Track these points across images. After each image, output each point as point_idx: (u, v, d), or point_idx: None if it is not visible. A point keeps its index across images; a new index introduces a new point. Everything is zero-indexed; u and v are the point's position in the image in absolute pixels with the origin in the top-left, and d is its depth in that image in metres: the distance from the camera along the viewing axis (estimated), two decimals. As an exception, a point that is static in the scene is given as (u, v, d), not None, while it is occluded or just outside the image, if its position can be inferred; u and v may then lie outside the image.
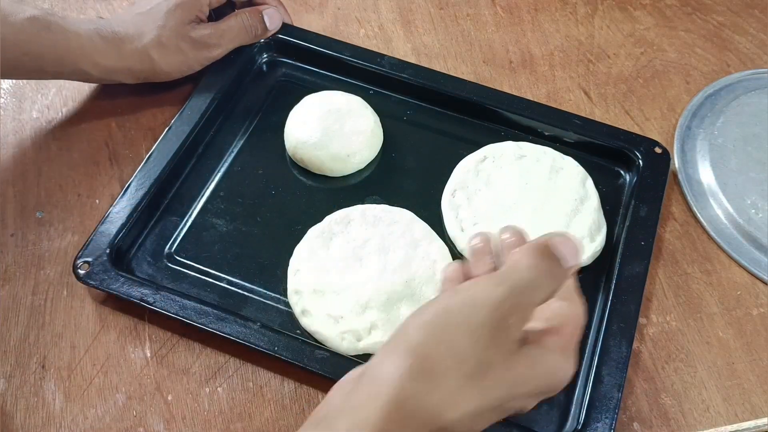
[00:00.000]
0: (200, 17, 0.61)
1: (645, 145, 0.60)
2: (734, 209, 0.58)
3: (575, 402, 0.49)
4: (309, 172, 0.60)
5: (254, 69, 0.66)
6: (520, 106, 0.62)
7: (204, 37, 0.61)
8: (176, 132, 0.59)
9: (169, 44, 0.60)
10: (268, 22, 0.64)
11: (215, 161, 0.60)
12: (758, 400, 0.51)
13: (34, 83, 0.65)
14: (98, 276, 0.52)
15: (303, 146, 0.59)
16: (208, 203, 0.58)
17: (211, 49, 0.62)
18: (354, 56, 0.65)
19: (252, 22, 0.63)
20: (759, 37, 0.71)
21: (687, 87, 0.67)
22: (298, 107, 0.61)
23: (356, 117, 0.60)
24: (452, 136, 0.62)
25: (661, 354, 0.52)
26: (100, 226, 0.54)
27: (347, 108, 0.61)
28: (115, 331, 0.53)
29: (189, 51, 0.61)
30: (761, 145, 0.62)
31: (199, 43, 0.61)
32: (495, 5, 0.74)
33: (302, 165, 0.60)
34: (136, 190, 0.56)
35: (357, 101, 0.62)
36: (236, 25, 0.63)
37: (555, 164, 0.59)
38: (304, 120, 0.60)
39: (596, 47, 0.70)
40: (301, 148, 0.59)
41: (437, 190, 0.59)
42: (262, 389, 0.51)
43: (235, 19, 0.63)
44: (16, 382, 0.50)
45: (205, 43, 0.61)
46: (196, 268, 0.55)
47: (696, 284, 0.56)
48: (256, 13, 0.64)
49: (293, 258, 0.55)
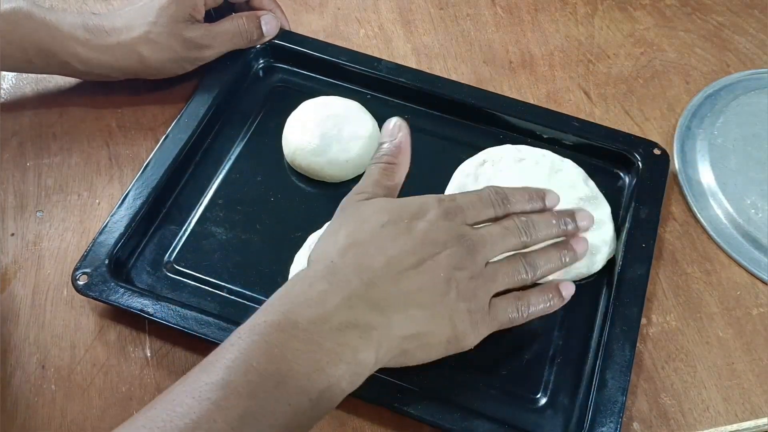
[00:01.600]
0: (195, 17, 0.61)
1: (644, 146, 0.60)
2: (734, 209, 0.58)
3: (579, 406, 0.49)
4: (308, 178, 0.60)
5: (251, 75, 0.66)
6: (518, 108, 0.62)
7: (196, 37, 0.60)
8: (173, 140, 0.59)
9: (159, 41, 0.59)
10: (265, 28, 0.64)
11: (213, 169, 0.60)
12: (758, 400, 0.51)
13: (34, 83, 0.65)
14: (97, 287, 0.51)
15: (301, 152, 0.59)
16: (206, 211, 0.58)
17: (202, 50, 0.61)
18: (351, 61, 0.64)
19: (248, 27, 0.63)
20: (759, 37, 0.71)
21: (687, 87, 0.67)
22: (295, 113, 0.61)
23: (354, 122, 0.60)
24: (451, 140, 0.62)
25: (661, 354, 0.52)
26: (99, 237, 0.53)
27: (345, 113, 0.60)
28: (115, 331, 0.53)
29: (180, 49, 0.60)
30: (761, 145, 0.62)
31: (191, 42, 0.60)
32: (495, 5, 0.74)
33: (301, 171, 0.60)
34: (134, 200, 0.55)
35: (355, 106, 0.61)
36: (231, 29, 0.62)
37: (554, 166, 0.59)
38: (301, 126, 0.59)
39: (596, 47, 0.70)
40: (299, 155, 0.59)
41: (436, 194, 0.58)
42: (262, 389, 0.51)
43: (230, 23, 0.62)
44: (16, 382, 0.50)
45: (196, 43, 0.60)
46: (195, 277, 0.54)
47: (696, 284, 0.56)
48: (254, 18, 0.63)
49: (294, 265, 0.54)
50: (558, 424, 0.49)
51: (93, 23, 0.59)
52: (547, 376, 0.51)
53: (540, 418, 0.49)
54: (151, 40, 0.59)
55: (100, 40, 0.58)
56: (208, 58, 0.62)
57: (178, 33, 0.59)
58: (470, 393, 0.50)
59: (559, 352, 0.52)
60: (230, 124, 0.63)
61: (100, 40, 0.58)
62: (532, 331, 0.52)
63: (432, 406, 0.47)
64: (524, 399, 0.50)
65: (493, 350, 0.51)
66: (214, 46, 0.62)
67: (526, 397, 0.50)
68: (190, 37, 0.60)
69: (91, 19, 0.59)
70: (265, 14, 0.64)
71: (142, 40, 0.58)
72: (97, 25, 0.59)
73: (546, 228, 0.49)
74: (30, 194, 0.59)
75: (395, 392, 0.48)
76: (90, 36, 0.58)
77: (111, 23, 0.59)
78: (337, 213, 0.49)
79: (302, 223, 0.57)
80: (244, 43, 0.64)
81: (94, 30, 0.58)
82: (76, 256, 0.55)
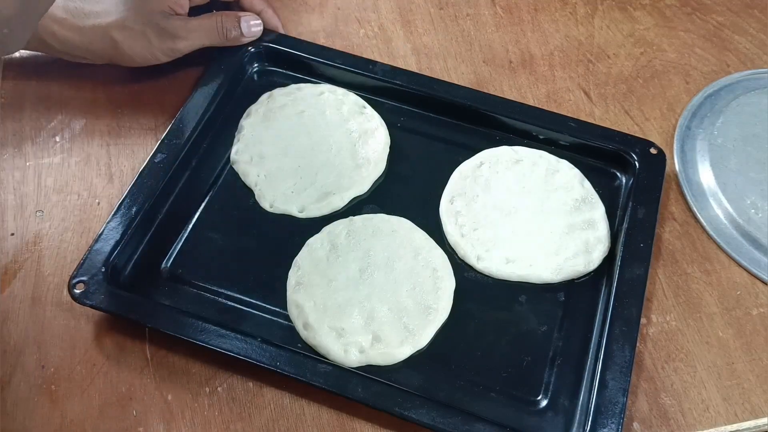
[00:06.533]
0: (176, 10, 0.61)
1: (641, 146, 0.60)
2: (734, 209, 0.58)
3: (580, 408, 0.49)
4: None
5: (245, 79, 0.65)
6: (514, 110, 0.62)
7: (171, 27, 0.60)
8: (168, 145, 0.58)
9: (134, 27, 0.59)
10: (245, 29, 0.63)
11: (209, 174, 0.60)
12: (758, 400, 0.51)
13: (35, 83, 0.65)
14: (94, 296, 0.51)
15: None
16: (203, 217, 0.57)
17: (176, 41, 0.61)
18: (345, 64, 0.64)
19: (225, 24, 0.63)
20: (759, 37, 0.71)
21: (687, 87, 0.67)
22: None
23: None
24: (447, 142, 0.62)
25: (661, 354, 0.53)
26: (95, 244, 0.53)
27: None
28: (114, 332, 0.53)
29: (153, 38, 0.60)
30: (761, 145, 0.62)
31: (165, 32, 0.60)
32: (495, 5, 0.74)
33: None
34: (130, 206, 0.55)
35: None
36: (208, 24, 0.62)
37: (550, 167, 0.59)
38: None
39: (596, 47, 0.70)
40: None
41: (434, 197, 0.58)
42: (262, 389, 0.51)
43: (209, 18, 0.62)
44: (16, 382, 0.50)
45: (171, 33, 0.60)
46: (193, 283, 0.54)
47: (696, 284, 0.56)
48: (234, 18, 0.63)
49: (292, 271, 0.54)
50: (559, 426, 0.49)
51: (74, 5, 0.59)
52: (547, 378, 0.51)
53: (541, 420, 0.49)
54: (127, 27, 0.59)
55: (77, 21, 0.59)
56: (182, 50, 0.62)
57: (154, 22, 0.59)
58: (471, 396, 0.50)
59: (559, 353, 0.52)
60: (226, 128, 0.62)
61: (78, 21, 0.59)
62: (532, 333, 0.52)
63: (432, 410, 0.47)
64: (525, 401, 0.50)
65: (493, 353, 0.51)
66: (188, 38, 0.61)
67: (527, 399, 0.50)
68: (165, 27, 0.60)
69: (72, 1, 0.59)
70: (247, 15, 0.64)
71: (117, 25, 0.59)
72: (78, 7, 0.59)
73: None
74: (30, 194, 0.59)
75: (396, 396, 0.47)
76: (68, 16, 0.59)
77: (91, 6, 0.59)
78: None
79: (300, 228, 0.56)
80: (219, 40, 0.63)
81: (74, 11, 0.59)
82: (76, 256, 0.55)
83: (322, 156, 0.60)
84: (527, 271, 0.54)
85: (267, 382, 0.51)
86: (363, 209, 0.58)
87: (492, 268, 0.55)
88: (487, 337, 0.52)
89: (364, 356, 0.50)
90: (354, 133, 0.61)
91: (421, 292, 0.53)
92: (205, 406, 0.50)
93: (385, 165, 0.60)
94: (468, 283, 0.54)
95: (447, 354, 0.51)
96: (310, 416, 0.50)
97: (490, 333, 0.52)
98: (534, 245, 0.55)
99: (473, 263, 0.55)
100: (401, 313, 0.52)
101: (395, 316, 0.52)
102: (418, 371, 0.50)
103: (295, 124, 0.61)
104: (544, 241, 0.56)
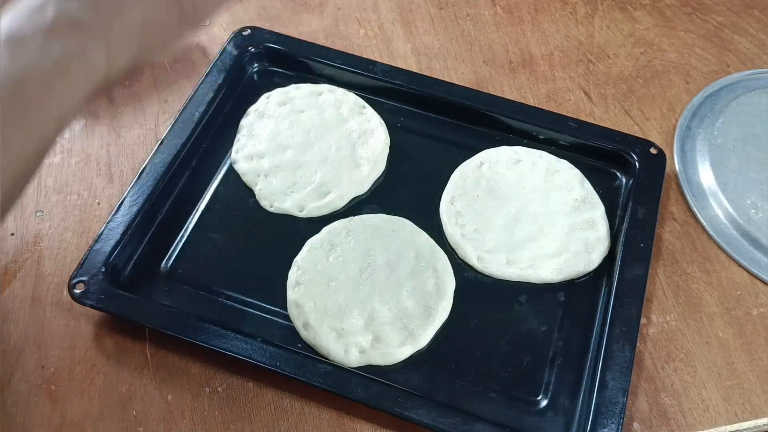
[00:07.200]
0: None
1: (640, 146, 0.60)
2: (734, 209, 0.58)
3: (580, 408, 0.49)
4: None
5: (245, 79, 0.65)
6: (514, 110, 0.62)
7: None
8: (168, 146, 0.58)
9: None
10: None
11: (209, 174, 0.60)
12: (758, 400, 0.51)
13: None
14: (94, 296, 0.51)
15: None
16: (203, 217, 0.57)
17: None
18: (345, 64, 0.64)
19: None
20: (759, 37, 0.71)
21: (687, 87, 0.67)
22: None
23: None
24: (447, 142, 0.62)
25: (661, 354, 0.53)
26: (95, 245, 0.53)
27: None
28: (114, 332, 0.53)
29: None
30: (761, 145, 0.62)
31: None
32: (495, 5, 0.74)
33: None
34: (130, 207, 0.55)
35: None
36: None
37: (550, 167, 0.59)
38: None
39: (596, 47, 0.70)
40: None
41: (434, 197, 0.58)
42: (262, 389, 0.51)
43: None
44: (16, 382, 0.50)
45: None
46: (193, 283, 0.54)
47: (696, 284, 0.56)
48: None
49: (292, 271, 0.54)
50: (559, 426, 0.49)
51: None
52: (547, 378, 0.51)
53: (541, 420, 0.49)
54: None
55: None
56: None
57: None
58: (471, 397, 0.50)
59: (559, 353, 0.52)
60: (225, 128, 0.62)
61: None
62: (532, 333, 0.52)
63: (432, 410, 0.47)
64: (525, 401, 0.50)
65: (493, 353, 0.51)
66: None
67: (527, 399, 0.50)
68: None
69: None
70: None
71: None
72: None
73: None
74: (30, 194, 0.59)
75: (396, 396, 0.47)
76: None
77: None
78: None
79: (300, 228, 0.56)
80: None
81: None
82: (76, 256, 0.55)
83: (322, 156, 0.60)
84: (527, 272, 0.54)
85: (267, 382, 0.51)
86: (363, 209, 0.58)
87: (492, 268, 0.55)
88: (487, 337, 0.52)
89: (364, 356, 0.50)
90: (354, 133, 0.61)
91: (422, 292, 0.53)
92: (205, 406, 0.50)
93: (385, 165, 0.60)
94: (468, 283, 0.54)
95: (447, 354, 0.51)
96: (310, 416, 0.50)
97: (490, 333, 0.52)
98: (534, 245, 0.55)
99: (473, 263, 0.55)
100: (401, 313, 0.52)
101: (395, 316, 0.52)
102: (418, 371, 0.50)
103: (295, 124, 0.61)
104: (544, 241, 0.56)
